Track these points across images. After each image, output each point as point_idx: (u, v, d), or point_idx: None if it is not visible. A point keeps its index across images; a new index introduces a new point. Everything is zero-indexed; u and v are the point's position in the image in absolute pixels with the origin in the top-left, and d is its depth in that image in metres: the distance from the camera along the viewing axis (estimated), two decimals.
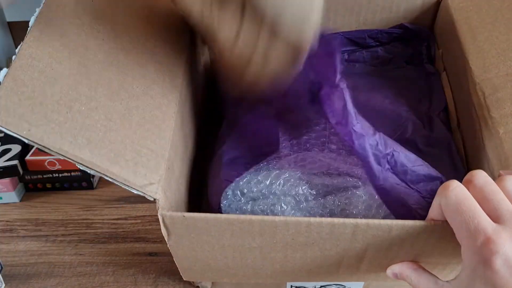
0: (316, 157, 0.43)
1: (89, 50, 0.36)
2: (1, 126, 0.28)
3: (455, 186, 0.31)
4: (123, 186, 0.33)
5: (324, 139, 0.47)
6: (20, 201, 0.58)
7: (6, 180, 0.56)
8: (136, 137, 0.36)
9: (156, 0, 0.45)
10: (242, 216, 0.34)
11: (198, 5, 0.36)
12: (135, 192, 0.34)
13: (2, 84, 0.29)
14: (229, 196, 0.41)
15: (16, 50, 0.31)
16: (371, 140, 0.37)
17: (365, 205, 0.39)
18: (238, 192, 0.41)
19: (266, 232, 0.35)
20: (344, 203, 0.39)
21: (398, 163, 0.37)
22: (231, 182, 0.41)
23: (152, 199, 0.34)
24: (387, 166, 0.37)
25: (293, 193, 0.41)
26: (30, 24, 0.33)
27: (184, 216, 0.34)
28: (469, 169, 0.42)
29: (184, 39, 0.47)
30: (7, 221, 0.55)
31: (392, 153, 0.37)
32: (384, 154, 0.37)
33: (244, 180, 0.41)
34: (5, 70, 0.30)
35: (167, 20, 0.45)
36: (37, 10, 0.34)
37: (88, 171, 0.32)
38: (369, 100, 0.50)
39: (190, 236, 0.36)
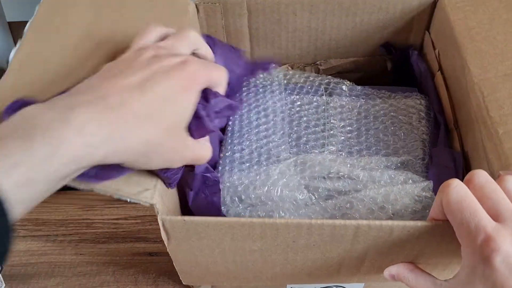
0: (316, 160, 0.43)
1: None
2: None
3: (456, 185, 0.31)
4: (116, 197, 0.33)
5: (324, 141, 0.47)
6: None
7: None
8: None
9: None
10: (243, 219, 0.34)
11: None
12: (129, 200, 0.33)
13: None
14: (227, 202, 0.41)
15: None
16: None
17: (367, 208, 0.39)
18: (236, 198, 0.41)
19: (267, 235, 0.35)
20: (345, 207, 0.39)
21: None
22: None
23: (148, 205, 0.34)
24: None
25: (292, 199, 0.41)
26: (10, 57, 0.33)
27: (184, 220, 0.34)
28: (468, 169, 0.42)
29: None
30: None
31: None
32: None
33: (242, 186, 0.41)
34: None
35: (165, 16, 0.45)
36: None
37: (77, 187, 0.31)
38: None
39: (190, 240, 0.36)
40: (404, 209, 0.39)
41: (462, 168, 0.41)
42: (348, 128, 0.49)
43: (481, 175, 0.32)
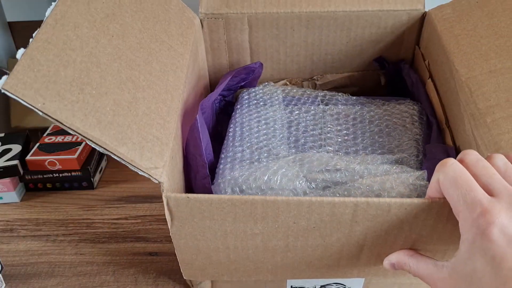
0: (314, 157, 0.44)
1: (100, 43, 0.38)
2: (18, 97, 0.30)
3: (452, 163, 0.32)
4: (129, 167, 0.34)
5: (321, 142, 0.49)
6: (21, 201, 0.58)
7: (7, 180, 0.56)
8: (143, 124, 0.37)
9: (161, 5, 0.48)
10: (245, 197, 0.35)
11: None
12: (141, 173, 0.35)
13: (20, 61, 0.31)
14: (228, 193, 0.42)
15: (33, 34, 0.33)
16: None
17: (364, 196, 0.40)
18: (237, 189, 0.42)
19: (269, 215, 0.36)
20: (343, 194, 0.41)
21: None
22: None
23: (157, 181, 0.35)
24: None
25: (291, 187, 0.42)
26: (46, 14, 0.35)
27: (188, 197, 0.35)
28: None
29: (188, 46, 0.49)
30: (7, 221, 0.55)
31: None
32: None
33: (243, 177, 0.43)
34: (22, 50, 0.32)
35: (172, 28, 0.48)
36: (53, 3, 0.37)
37: (98, 148, 0.33)
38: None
39: (193, 222, 0.37)
40: (400, 197, 0.40)
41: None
42: (345, 132, 0.51)
43: (471, 154, 0.33)
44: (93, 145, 0.33)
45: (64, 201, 0.58)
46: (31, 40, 0.33)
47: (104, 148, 0.33)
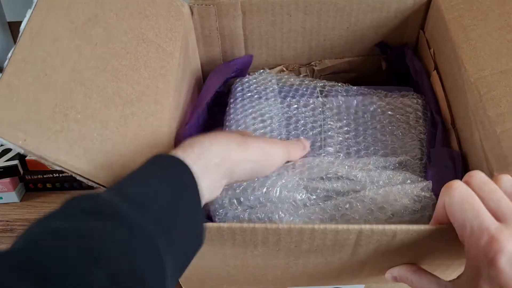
0: (314, 163, 0.42)
1: (83, 55, 0.35)
2: None
3: (458, 185, 0.31)
4: None
5: (321, 143, 0.46)
6: (21, 201, 0.57)
7: (7, 180, 0.55)
8: (133, 147, 0.35)
9: (149, 2, 0.44)
10: (245, 225, 0.33)
11: None
12: None
13: None
14: (226, 205, 0.40)
15: (8, 55, 0.30)
16: None
17: (366, 209, 0.39)
18: (235, 201, 0.40)
19: (269, 241, 0.34)
20: (344, 207, 0.39)
21: None
22: None
23: None
24: None
25: (291, 200, 0.40)
26: (21, 28, 0.32)
27: None
28: (466, 169, 0.42)
29: (178, 42, 0.46)
30: (7, 221, 0.54)
31: None
32: None
33: (241, 188, 0.40)
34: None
35: (159, 23, 0.44)
36: (28, 13, 0.33)
37: (86, 182, 0.31)
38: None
39: None
40: (404, 209, 0.39)
41: (461, 168, 0.41)
42: (346, 128, 0.49)
43: (478, 176, 0.32)
44: (81, 179, 0.31)
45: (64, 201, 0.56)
46: (6, 62, 0.30)
47: (94, 182, 0.31)
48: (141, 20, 0.43)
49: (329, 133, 0.47)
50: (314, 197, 0.41)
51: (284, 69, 0.61)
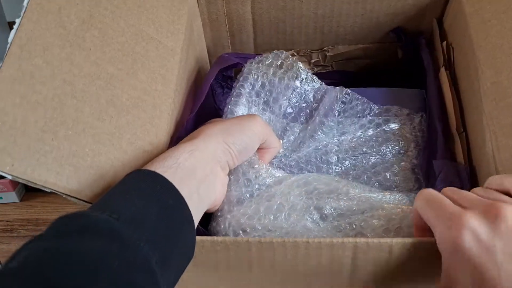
0: (321, 181, 0.40)
1: (74, 65, 0.33)
2: None
3: (423, 190, 0.33)
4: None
5: (324, 157, 0.45)
6: (20, 201, 0.58)
7: (6, 180, 0.56)
8: (127, 158, 0.35)
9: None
10: (239, 239, 0.33)
11: None
12: None
13: None
14: (230, 236, 0.37)
15: None
16: None
17: (383, 229, 0.36)
18: (240, 232, 0.37)
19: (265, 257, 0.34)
20: (359, 225, 0.37)
21: None
22: None
23: None
24: None
25: (302, 223, 0.38)
26: (10, 39, 0.31)
27: None
28: (474, 183, 0.40)
29: (180, 35, 0.44)
30: (7, 221, 0.55)
31: None
32: None
33: (246, 217, 0.38)
34: None
35: (160, 15, 0.42)
36: (17, 22, 0.32)
37: (78, 203, 0.31)
38: None
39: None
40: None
41: (468, 183, 0.39)
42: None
43: (449, 188, 0.33)
44: (72, 200, 0.31)
45: (63, 201, 0.56)
46: None
47: (84, 201, 0.31)
48: (140, 14, 0.41)
49: (336, 140, 0.46)
50: (326, 215, 0.38)
51: (295, 53, 0.58)
